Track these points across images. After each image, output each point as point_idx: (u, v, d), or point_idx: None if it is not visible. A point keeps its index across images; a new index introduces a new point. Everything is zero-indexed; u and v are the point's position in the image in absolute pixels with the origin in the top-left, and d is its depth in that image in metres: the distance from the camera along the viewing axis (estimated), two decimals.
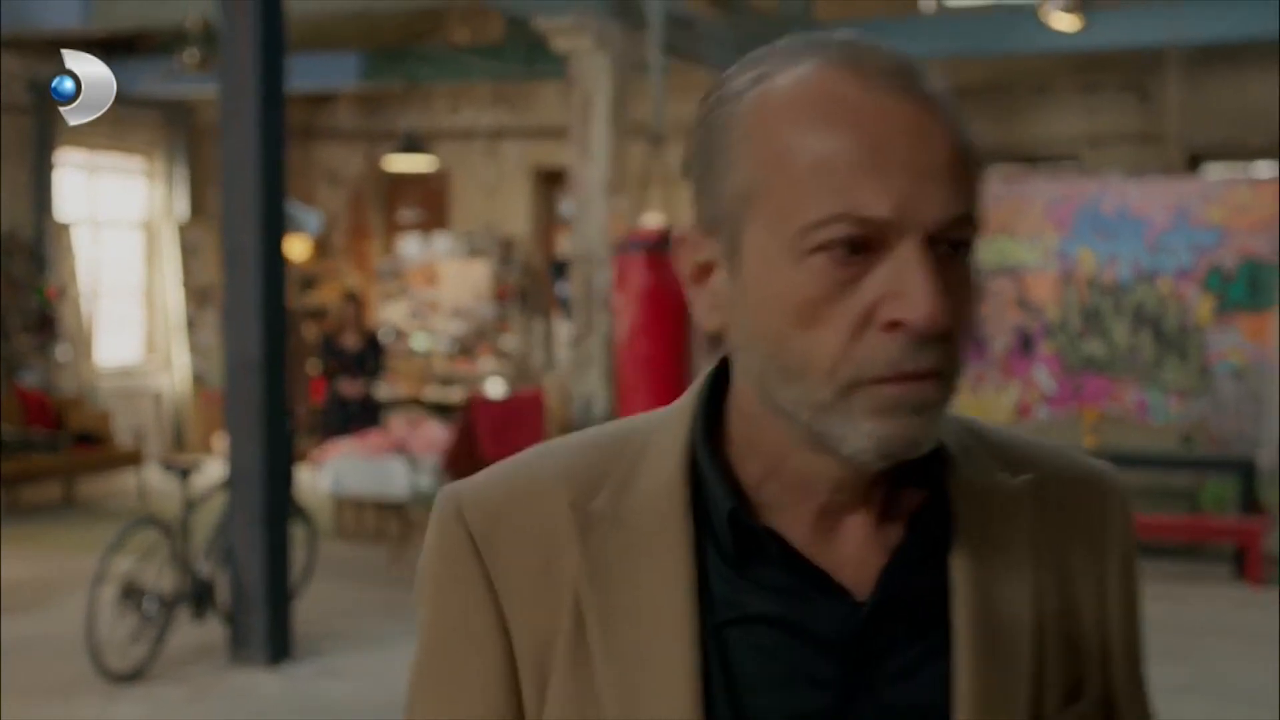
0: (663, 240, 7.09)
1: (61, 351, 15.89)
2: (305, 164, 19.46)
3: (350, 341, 13.24)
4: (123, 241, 17.59)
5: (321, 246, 19.63)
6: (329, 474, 11.96)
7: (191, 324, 17.43)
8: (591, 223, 11.23)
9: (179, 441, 17.36)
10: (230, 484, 8.13)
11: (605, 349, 11.16)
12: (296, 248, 18.56)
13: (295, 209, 10.64)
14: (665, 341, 7.07)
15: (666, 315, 7.06)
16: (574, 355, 11.40)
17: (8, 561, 11.14)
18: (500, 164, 18.87)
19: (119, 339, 17.52)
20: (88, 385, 15.99)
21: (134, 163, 17.68)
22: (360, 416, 13.20)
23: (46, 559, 11.27)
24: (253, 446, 8.02)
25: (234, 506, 8.13)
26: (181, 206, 17.79)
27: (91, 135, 16.76)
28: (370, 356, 13.24)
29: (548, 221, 19.05)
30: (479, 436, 9.97)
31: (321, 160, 19.71)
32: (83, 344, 16.16)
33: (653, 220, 8.36)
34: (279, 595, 8.16)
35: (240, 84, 8.00)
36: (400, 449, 11.70)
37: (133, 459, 14.04)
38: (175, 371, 17.55)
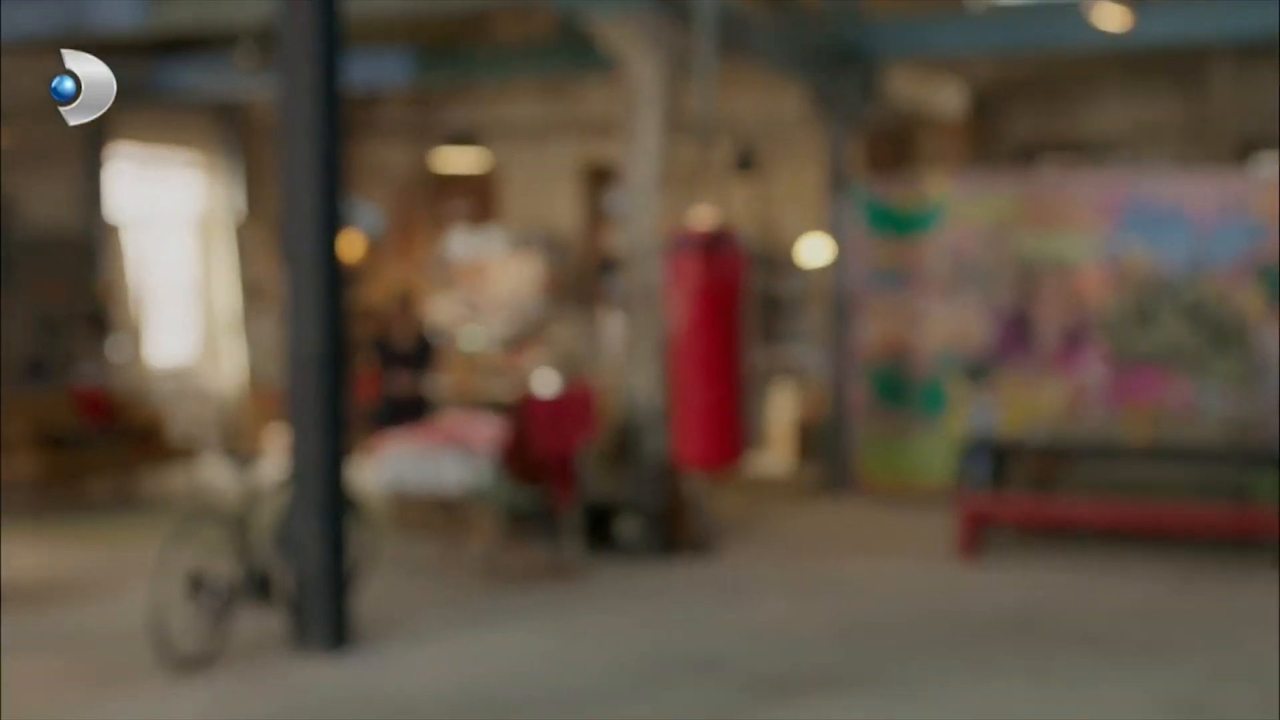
0: (716, 236, 7.18)
1: (115, 349, 16.11)
2: (354, 161, 19.60)
3: (400, 338, 13.37)
4: (176, 239, 17.80)
5: (371, 244, 19.80)
6: (383, 468, 12.10)
7: (244, 321, 17.63)
8: (642, 219, 11.33)
9: (232, 438, 17.55)
10: (291, 476, 8.28)
11: (656, 345, 11.27)
12: (353, 245, 18.74)
13: (354, 206, 10.79)
14: (718, 337, 7.16)
15: (720, 311, 7.16)
16: (624, 351, 11.52)
17: (67, 555, 11.36)
18: (548, 160, 18.99)
19: (172, 336, 17.73)
20: (141, 382, 16.19)
21: (187, 160, 17.88)
22: (412, 414, 13.34)
23: (105, 553, 11.45)
24: (314, 439, 8.17)
25: (295, 498, 8.28)
26: (234, 204, 17.99)
27: (145, 132, 16.99)
28: (422, 355, 13.38)
29: (596, 218, 19.17)
30: (532, 431, 10.09)
31: (370, 158, 19.86)
32: (136, 341, 16.36)
33: (704, 215, 8.41)
34: (339, 586, 8.31)
35: (298, 82, 8.14)
36: (453, 442, 11.83)
37: (187, 455, 14.23)
38: (228, 369, 17.76)
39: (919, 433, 14.07)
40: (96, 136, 16.41)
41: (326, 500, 8.16)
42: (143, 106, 16.80)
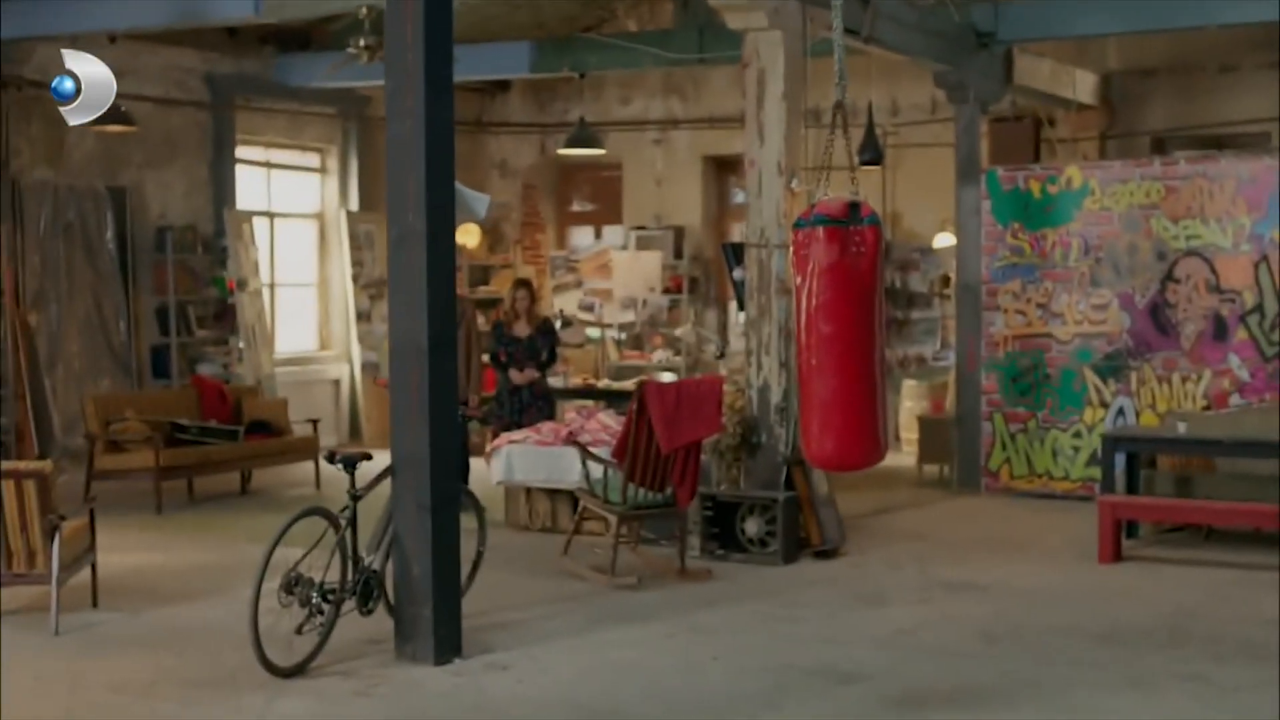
0: (850, 212, 6.47)
1: (239, 342, 15.68)
2: (476, 155, 19.12)
3: (521, 329, 12.78)
4: (298, 234, 17.37)
5: (494, 238, 19.29)
6: (499, 463, 11.51)
7: (364, 315, 17.15)
8: (766, 205, 10.65)
9: (355, 431, 17.10)
10: (396, 472, 7.68)
11: (780, 335, 10.57)
12: (470, 235, 18.24)
13: (464, 193, 10.17)
14: (848, 321, 6.43)
15: (850, 293, 6.44)
16: (748, 341, 10.83)
17: (186, 550, 10.88)
18: (671, 153, 18.37)
19: (294, 330, 17.30)
20: (265, 375, 15.76)
21: (308, 157, 17.44)
22: (532, 405, 12.75)
23: (223, 547, 10.96)
24: (419, 433, 7.56)
25: (400, 495, 7.68)
26: (354, 198, 17.51)
27: (267, 129, 16.57)
28: (542, 344, 12.78)
29: (720, 210, 18.49)
30: (654, 425, 9.42)
31: (493, 151, 19.34)
32: (260, 335, 15.93)
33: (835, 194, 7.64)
34: (447, 587, 7.70)
35: (405, 69, 7.54)
36: (572, 436, 11.22)
37: (308, 448, 13.73)
38: (350, 362, 17.30)
39: (1052, 428, 13.24)
40: (220, 131, 16.01)
41: (434, 496, 7.55)
42: (264, 102, 16.37)
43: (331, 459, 7.91)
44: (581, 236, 19.11)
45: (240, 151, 16.35)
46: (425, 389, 7.55)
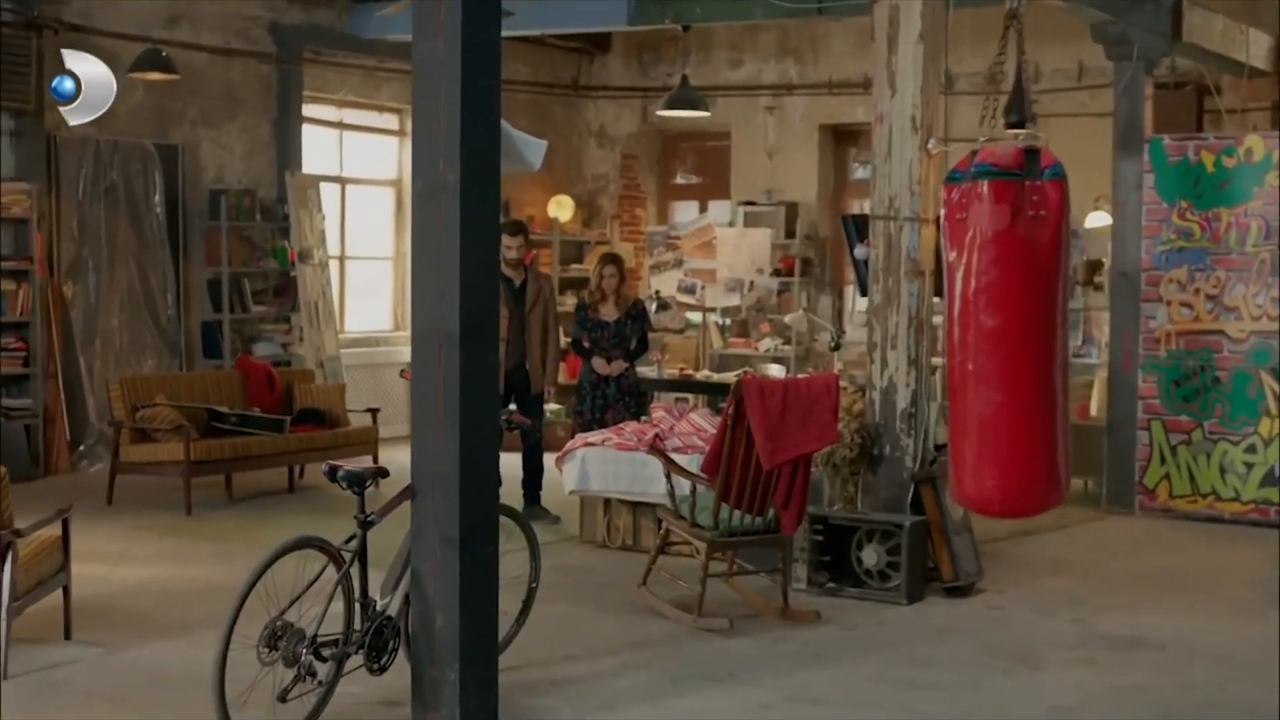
0: (1022, 161, 4.60)
1: (301, 320, 14.00)
2: (572, 121, 17.36)
3: (608, 312, 10.98)
4: (372, 202, 15.66)
5: (589, 212, 17.52)
6: (574, 468, 9.73)
7: None
8: (896, 169, 8.75)
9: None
10: (415, 493, 5.90)
11: (911, 326, 8.69)
12: (563, 207, 16.52)
13: (513, 135, 8.22)
14: (1022, 312, 4.60)
15: (1025, 273, 4.61)
16: (870, 333, 8.93)
17: (206, 562, 9.19)
18: (785, 121, 16.49)
19: (366, 308, 15.63)
20: (328, 358, 14.09)
21: (385, 118, 15.73)
22: (618, 401, 10.96)
23: (252, 559, 9.14)
24: (446, 445, 5.78)
25: (420, 524, 5.90)
26: None
27: (339, 86, 14.88)
28: (632, 330, 10.97)
29: (838, 185, 16.56)
30: (752, 434, 7.58)
31: (590, 118, 17.55)
32: (324, 313, 14.26)
33: (1007, 141, 5.63)
34: (479, 644, 5.91)
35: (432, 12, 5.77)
36: (661, 440, 9.41)
37: (366, 441, 12.03)
38: None
39: (1221, 441, 11.21)
40: (285, 87, 14.34)
41: (464, 524, 5.77)
42: (336, 56, 14.67)
43: (333, 475, 6.13)
44: (684, 212, 17.24)
45: (308, 110, 14.66)
46: (455, 388, 5.76)
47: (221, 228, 13.55)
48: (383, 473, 6.24)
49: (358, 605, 6.03)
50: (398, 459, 6.75)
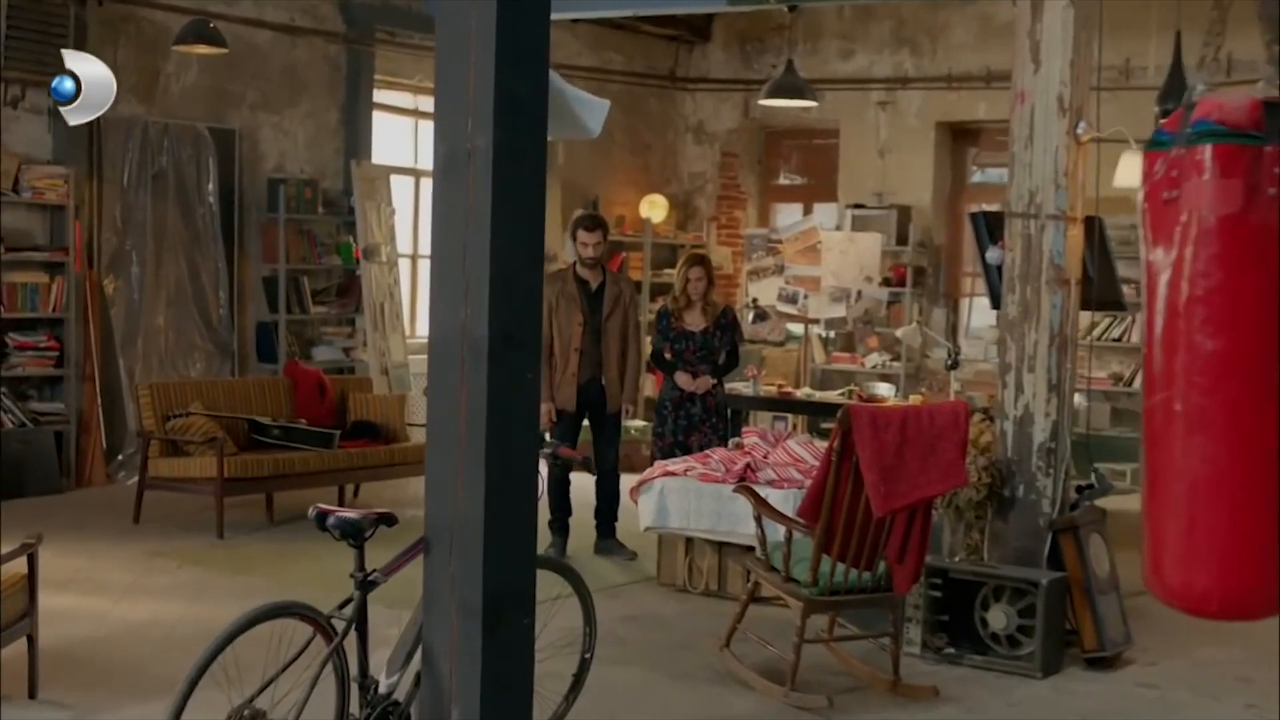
0: (1258, 119, 3.20)
1: (365, 323, 12.74)
2: (668, 115, 16.03)
3: (694, 321, 9.61)
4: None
5: (685, 214, 16.16)
6: (651, 501, 8.37)
7: None
8: (1039, 158, 7.32)
9: None
10: (429, 548, 4.55)
11: (1053, 345, 7.26)
12: (656, 208, 15.21)
13: (566, 91, 6.74)
14: (1257, 328, 3.20)
15: (1265, 276, 3.21)
16: (1004, 351, 7.50)
17: (223, 600, 7.90)
18: (899, 118, 15.02)
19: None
20: (393, 365, 12.83)
21: None
22: (704, 422, 9.58)
23: (280, 596, 7.94)
24: (470, 486, 4.43)
25: (434, 589, 4.55)
26: None
27: (415, 70, 13.60)
28: (720, 341, 9.59)
29: (955, 188, 15.08)
30: (861, 472, 6.17)
31: (688, 111, 16.19)
32: (392, 315, 13.00)
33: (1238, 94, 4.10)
34: None
35: None
36: (748, 475, 8.04)
37: (423, 458, 10.74)
38: None
39: None
40: (355, 69, 13.11)
41: (490, 586, 4.41)
42: (413, 38, 13.40)
43: (322, 522, 4.81)
44: (787, 214, 15.82)
45: (379, 96, 13.42)
46: (480, 412, 4.40)
47: (279, 220, 12.31)
48: (388, 519, 4.89)
49: (355, 687, 4.71)
50: None
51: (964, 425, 6.32)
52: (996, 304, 7.72)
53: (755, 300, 13.16)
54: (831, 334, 14.61)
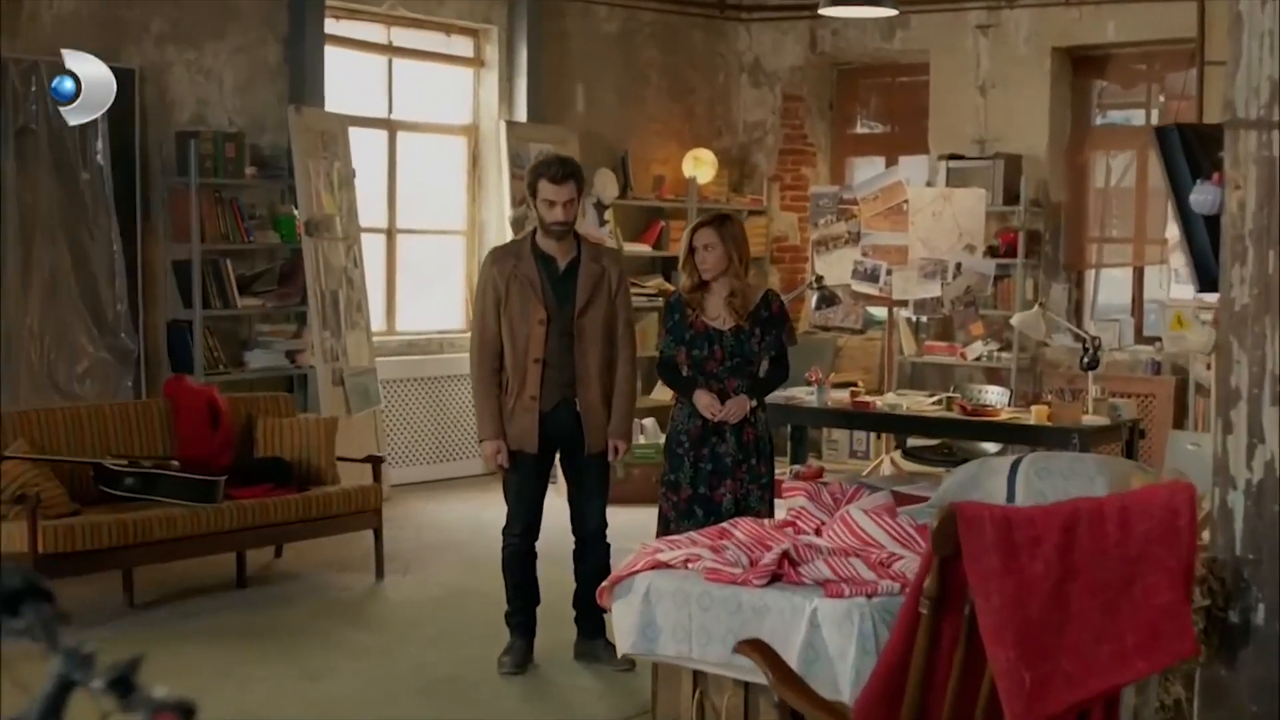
0: None
1: (311, 316, 9.62)
2: (717, 52, 12.86)
3: (718, 313, 6.37)
4: (436, 156, 11.26)
5: (739, 171, 12.99)
6: (632, 610, 5.13)
7: None
8: (1253, 73, 4.02)
9: None
10: None
11: None
12: (704, 165, 12.11)
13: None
14: None
15: None
16: (1224, 366, 4.20)
17: None
18: (1004, 45, 11.76)
19: (428, 299, 11.28)
20: (355, 370, 9.74)
21: (455, 42, 11.30)
22: (739, 464, 6.33)
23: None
24: None
25: None
26: (522, 105, 11.30)
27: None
28: (763, 344, 6.35)
29: (1077, 132, 11.75)
30: (976, 631, 2.97)
31: (741, 48, 13.02)
32: (351, 308, 9.90)
33: None
34: None
35: None
36: (788, 569, 4.82)
37: (362, 509, 7.63)
38: None
39: None
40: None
41: None
42: None
43: None
44: (866, 169, 12.51)
45: (334, 27, 10.31)
46: None
47: (191, 186, 9.21)
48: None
49: None
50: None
51: (1189, 535, 3.06)
52: (1203, 281, 4.45)
53: (819, 279, 9.81)
54: (923, 319, 11.37)
